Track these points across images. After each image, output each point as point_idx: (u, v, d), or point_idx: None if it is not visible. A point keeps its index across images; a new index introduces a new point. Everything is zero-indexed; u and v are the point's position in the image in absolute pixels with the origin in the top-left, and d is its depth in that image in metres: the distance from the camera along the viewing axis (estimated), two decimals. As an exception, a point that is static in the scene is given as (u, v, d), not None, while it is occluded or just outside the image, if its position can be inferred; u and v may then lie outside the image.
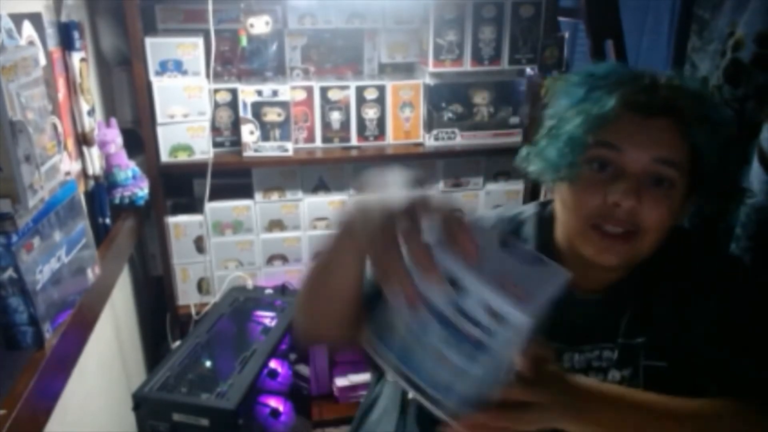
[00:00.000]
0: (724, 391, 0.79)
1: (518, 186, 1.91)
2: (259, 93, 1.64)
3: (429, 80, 1.72)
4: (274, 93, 1.65)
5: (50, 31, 1.17)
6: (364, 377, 1.97)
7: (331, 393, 2.02)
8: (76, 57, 1.25)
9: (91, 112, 1.32)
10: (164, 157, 1.64)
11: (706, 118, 0.78)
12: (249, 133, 1.67)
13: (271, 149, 1.68)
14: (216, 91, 1.66)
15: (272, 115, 1.66)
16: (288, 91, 1.65)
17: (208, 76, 1.63)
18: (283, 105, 1.66)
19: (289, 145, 1.69)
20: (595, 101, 0.78)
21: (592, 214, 0.79)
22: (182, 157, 1.66)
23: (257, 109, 1.65)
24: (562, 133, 0.79)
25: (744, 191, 0.89)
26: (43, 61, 1.08)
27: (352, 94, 1.72)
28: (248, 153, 1.68)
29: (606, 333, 0.86)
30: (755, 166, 1.07)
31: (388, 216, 0.55)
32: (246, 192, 1.76)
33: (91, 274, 1.11)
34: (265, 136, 1.67)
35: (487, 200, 1.90)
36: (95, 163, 1.34)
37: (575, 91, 0.81)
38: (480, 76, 1.75)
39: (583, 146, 0.78)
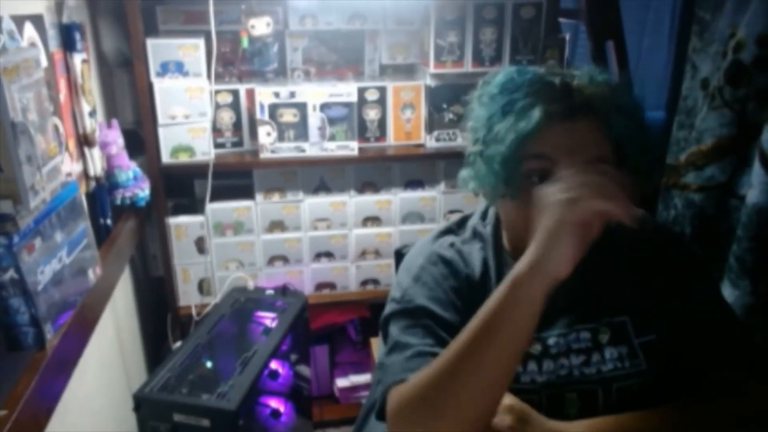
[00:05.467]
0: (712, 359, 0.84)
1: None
2: (277, 95, 1.64)
3: (430, 81, 1.72)
4: (292, 94, 1.65)
5: (52, 33, 1.17)
6: (365, 378, 1.97)
7: (331, 394, 2.02)
8: (77, 58, 1.25)
9: (92, 113, 1.32)
10: (165, 158, 1.65)
11: (621, 109, 0.82)
12: (266, 135, 1.67)
13: (288, 150, 1.69)
14: (217, 92, 1.66)
15: (288, 116, 1.66)
16: (305, 92, 1.66)
17: (209, 77, 1.63)
18: (300, 106, 1.66)
19: (306, 146, 1.69)
20: (519, 116, 0.80)
21: None
22: (183, 158, 1.66)
23: (273, 110, 1.65)
24: (495, 155, 0.82)
25: (663, 164, 0.94)
26: (44, 62, 1.08)
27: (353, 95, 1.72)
28: (265, 154, 1.68)
29: (582, 315, 0.89)
30: (756, 167, 1.07)
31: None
32: (247, 193, 1.77)
33: (92, 274, 1.11)
34: (280, 137, 1.68)
35: (488, 201, 1.90)
36: (96, 164, 1.35)
37: (492, 103, 0.85)
38: (481, 78, 1.75)
39: (516, 162, 0.81)
